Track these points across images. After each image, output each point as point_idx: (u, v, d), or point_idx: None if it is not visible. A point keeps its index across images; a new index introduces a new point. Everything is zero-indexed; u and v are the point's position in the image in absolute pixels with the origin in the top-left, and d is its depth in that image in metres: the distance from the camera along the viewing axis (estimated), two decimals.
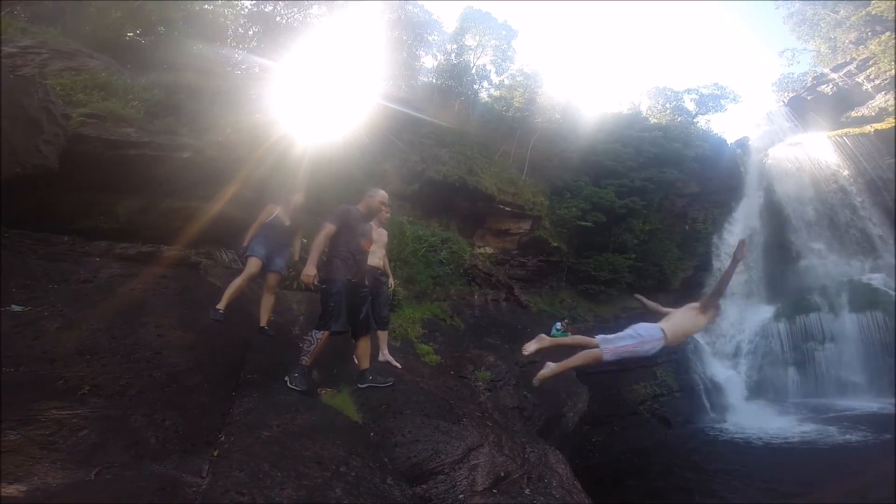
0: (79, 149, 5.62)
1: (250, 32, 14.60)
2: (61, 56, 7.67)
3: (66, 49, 7.92)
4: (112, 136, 5.92)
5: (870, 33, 24.13)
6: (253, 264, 4.92)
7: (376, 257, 5.33)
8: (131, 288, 4.56)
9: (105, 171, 5.95)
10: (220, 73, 10.93)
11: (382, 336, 5.46)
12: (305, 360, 3.94)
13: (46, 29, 8.47)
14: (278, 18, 15.31)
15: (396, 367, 5.28)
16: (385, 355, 5.38)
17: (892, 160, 19.97)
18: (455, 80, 23.08)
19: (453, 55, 24.25)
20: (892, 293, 17.71)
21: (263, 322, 5.05)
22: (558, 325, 14.68)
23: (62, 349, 3.20)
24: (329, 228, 4.00)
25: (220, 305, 4.69)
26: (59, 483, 2.06)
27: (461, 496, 3.35)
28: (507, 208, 18.88)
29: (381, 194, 4.41)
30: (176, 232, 6.42)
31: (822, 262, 20.67)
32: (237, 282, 4.87)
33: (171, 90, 8.07)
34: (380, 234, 5.45)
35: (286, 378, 3.93)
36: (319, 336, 3.93)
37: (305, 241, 5.80)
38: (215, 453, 2.70)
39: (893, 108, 21.06)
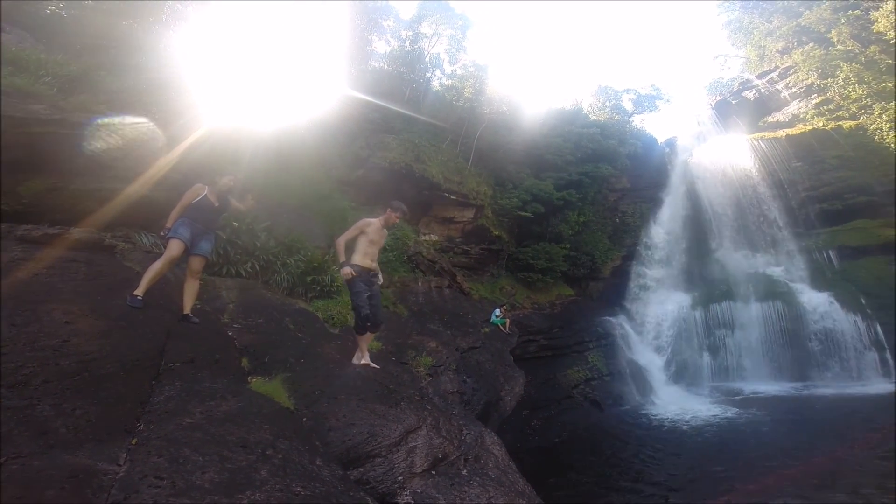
0: None
1: (188, 10, 13.54)
2: None
3: None
4: (18, 113, 5.43)
5: (796, 43, 26.05)
6: (174, 246, 4.60)
7: (368, 258, 5.23)
8: (35, 273, 4.18)
9: (7, 149, 5.40)
10: (148, 49, 10.10)
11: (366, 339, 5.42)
12: None
13: None
14: None
15: (375, 368, 5.28)
16: (365, 358, 5.37)
17: (799, 164, 22.24)
18: (407, 66, 22.82)
19: (408, 42, 23.91)
20: (790, 284, 19.87)
21: (187, 309, 4.78)
22: (497, 311, 15.21)
23: None
24: None
25: (138, 291, 4.37)
26: None
27: (400, 478, 3.43)
28: (452, 196, 19.11)
29: None
30: (88, 214, 5.93)
31: (734, 256, 22.76)
32: (157, 265, 4.54)
33: (91, 66, 7.41)
34: (381, 235, 5.38)
35: None
36: None
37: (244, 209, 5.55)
38: (133, 441, 2.61)
39: (806, 115, 23.16)
